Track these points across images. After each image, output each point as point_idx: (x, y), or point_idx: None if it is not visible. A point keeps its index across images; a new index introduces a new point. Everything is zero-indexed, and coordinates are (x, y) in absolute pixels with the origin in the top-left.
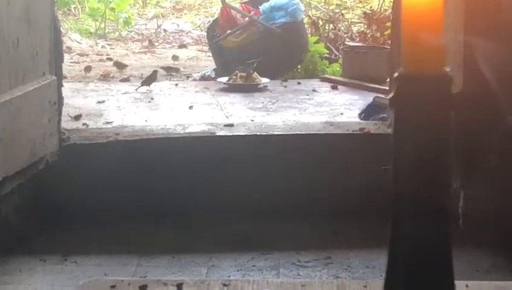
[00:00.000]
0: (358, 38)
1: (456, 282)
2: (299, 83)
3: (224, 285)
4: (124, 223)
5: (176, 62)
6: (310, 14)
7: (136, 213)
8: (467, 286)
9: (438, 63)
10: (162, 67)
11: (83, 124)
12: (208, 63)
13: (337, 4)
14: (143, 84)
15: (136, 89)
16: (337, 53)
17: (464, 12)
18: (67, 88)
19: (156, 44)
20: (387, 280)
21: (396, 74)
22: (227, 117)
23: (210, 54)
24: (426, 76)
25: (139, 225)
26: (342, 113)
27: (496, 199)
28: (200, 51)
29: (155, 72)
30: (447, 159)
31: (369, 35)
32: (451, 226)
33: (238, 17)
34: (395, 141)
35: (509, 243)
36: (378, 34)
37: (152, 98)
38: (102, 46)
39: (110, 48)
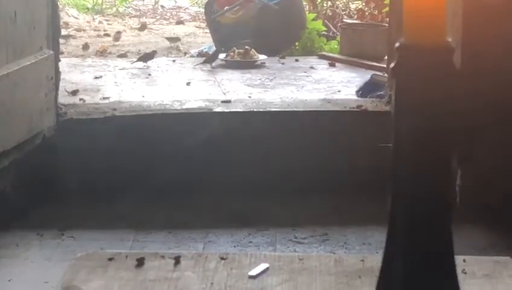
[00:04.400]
0: (356, 16)
1: None
2: (296, 60)
3: (222, 258)
4: (120, 199)
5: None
6: None
7: (132, 188)
8: (464, 260)
9: (440, 34)
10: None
11: (80, 99)
12: (205, 39)
13: None
14: (139, 60)
15: (131, 63)
16: (335, 30)
17: None
18: (64, 63)
19: (153, 20)
20: (385, 256)
21: (397, 44)
22: (224, 93)
23: (208, 31)
24: (428, 46)
25: (135, 200)
26: (339, 91)
27: (492, 176)
28: (197, 27)
29: (154, 52)
30: (448, 129)
31: (367, 13)
32: (451, 203)
33: None
34: (396, 112)
35: (505, 220)
36: (376, 11)
37: (149, 74)
38: (100, 22)
39: (107, 24)
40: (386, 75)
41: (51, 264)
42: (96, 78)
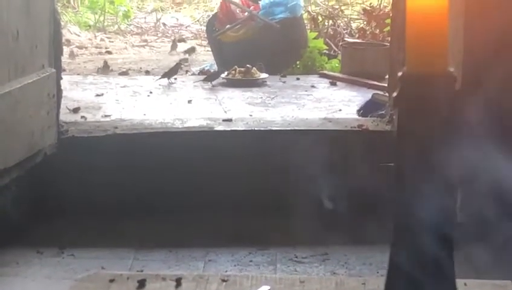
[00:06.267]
0: (357, 35)
1: None
2: (298, 79)
3: (223, 280)
4: (121, 217)
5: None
6: (310, 9)
7: (133, 207)
8: (465, 284)
9: (442, 63)
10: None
11: (82, 117)
12: (206, 57)
13: (336, 0)
14: (164, 76)
15: (155, 80)
16: (336, 49)
17: (463, 11)
18: (65, 81)
19: (155, 38)
20: (388, 279)
21: (400, 74)
22: (225, 112)
23: (209, 49)
24: (430, 76)
25: (136, 219)
26: (340, 110)
27: (493, 196)
28: (199, 45)
29: (178, 65)
30: (450, 158)
31: (368, 32)
32: (452, 224)
33: (238, 11)
34: (398, 140)
35: (506, 241)
36: (378, 30)
37: (151, 92)
38: (101, 39)
39: (109, 41)
40: (387, 94)
41: (51, 283)
42: (97, 95)
